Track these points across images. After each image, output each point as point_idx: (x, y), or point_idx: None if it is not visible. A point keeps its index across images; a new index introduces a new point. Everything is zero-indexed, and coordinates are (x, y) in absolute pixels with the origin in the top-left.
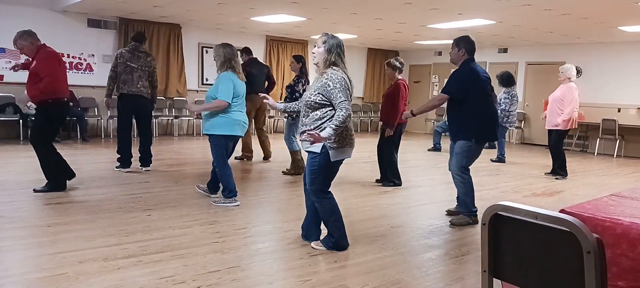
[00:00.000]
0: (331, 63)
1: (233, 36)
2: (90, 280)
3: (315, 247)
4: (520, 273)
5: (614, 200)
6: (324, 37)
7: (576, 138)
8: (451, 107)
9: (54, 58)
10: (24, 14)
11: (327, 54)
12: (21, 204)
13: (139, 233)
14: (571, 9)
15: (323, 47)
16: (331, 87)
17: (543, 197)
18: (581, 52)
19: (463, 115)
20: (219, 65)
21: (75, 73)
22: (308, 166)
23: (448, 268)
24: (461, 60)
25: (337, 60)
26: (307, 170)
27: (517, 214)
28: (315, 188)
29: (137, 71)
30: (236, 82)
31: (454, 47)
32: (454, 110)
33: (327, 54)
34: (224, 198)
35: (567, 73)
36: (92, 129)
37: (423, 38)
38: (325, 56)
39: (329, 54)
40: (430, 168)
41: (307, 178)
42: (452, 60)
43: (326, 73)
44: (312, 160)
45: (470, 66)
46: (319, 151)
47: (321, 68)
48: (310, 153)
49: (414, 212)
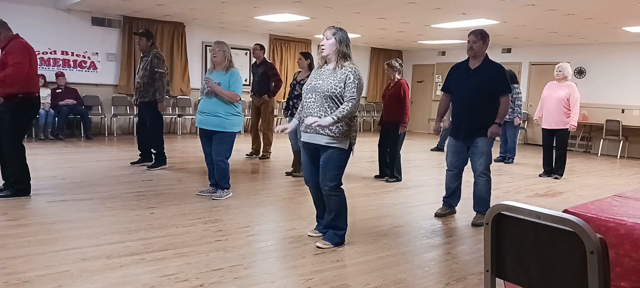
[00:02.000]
0: (343, 54)
1: (236, 35)
2: (93, 278)
3: (322, 246)
4: (523, 273)
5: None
6: (332, 30)
7: (579, 139)
8: (480, 103)
9: (25, 49)
10: (28, 12)
11: (339, 45)
12: (24, 201)
13: (142, 231)
14: (576, 9)
15: (333, 38)
16: (351, 80)
17: (546, 197)
18: (585, 53)
19: (493, 111)
20: (227, 62)
21: (79, 71)
22: (332, 162)
23: (450, 268)
24: (484, 54)
25: (348, 52)
26: (332, 165)
27: (521, 214)
28: (337, 184)
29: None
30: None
31: (479, 39)
32: (486, 106)
33: (338, 44)
34: (223, 191)
35: (567, 71)
36: (95, 127)
37: (426, 38)
38: (337, 47)
39: (340, 44)
40: (433, 168)
41: (327, 174)
42: (476, 54)
43: (345, 66)
44: (340, 156)
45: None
46: (346, 147)
47: (332, 60)
48: (336, 149)
49: (417, 211)
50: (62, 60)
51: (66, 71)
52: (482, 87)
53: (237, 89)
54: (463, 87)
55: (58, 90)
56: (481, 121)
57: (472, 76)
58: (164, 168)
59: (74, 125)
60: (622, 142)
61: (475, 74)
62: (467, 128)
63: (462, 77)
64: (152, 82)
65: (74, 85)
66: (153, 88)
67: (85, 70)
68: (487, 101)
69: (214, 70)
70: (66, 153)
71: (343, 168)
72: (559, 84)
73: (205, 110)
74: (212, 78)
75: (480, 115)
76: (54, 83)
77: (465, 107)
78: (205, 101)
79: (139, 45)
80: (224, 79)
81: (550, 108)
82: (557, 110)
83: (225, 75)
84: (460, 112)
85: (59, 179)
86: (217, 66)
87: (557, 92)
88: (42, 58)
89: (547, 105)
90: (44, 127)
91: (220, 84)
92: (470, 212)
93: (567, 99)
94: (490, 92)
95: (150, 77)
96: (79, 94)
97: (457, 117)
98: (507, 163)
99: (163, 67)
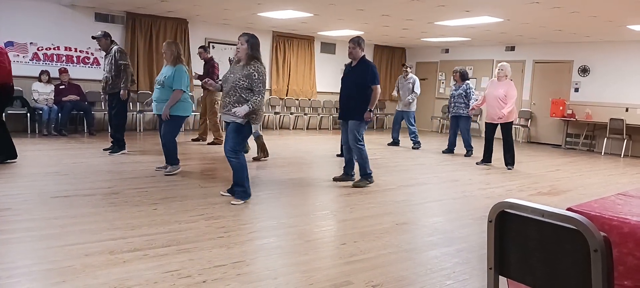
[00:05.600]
0: (253, 57)
1: (239, 31)
2: (96, 273)
3: (235, 203)
4: (526, 271)
5: (621, 199)
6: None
7: (583, 137)
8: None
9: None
10: (32, 7)
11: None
12: (28, 197)
13: (145, 227)
14: (580, 7)
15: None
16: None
17: (549, 195)
18: (589, 51)
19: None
20: (176, 58)
21: (82, 67)
22: (232, 131)
23: (453, 265)
24: (360, 55)
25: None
26: (232, 134)
27: (524, 212)
28: (235, 149)
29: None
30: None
31: (356, 46)
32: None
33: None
34: (173, 166)
35: (508, 71)
36: (98, 123)
37: (430, 35)
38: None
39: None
40: (435, 166)
41: (229, 141)
42: (354, 57)
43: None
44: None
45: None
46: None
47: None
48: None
49: (419, 209)
50: (65, 56)
51: (69, 67)
52: (356, 80)
53: (180, 85)
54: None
55: (61, 86)
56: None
57: (351, 72)
58: (123, 153)
59: (77, 121)
60: (626, 140)
61: (354, 70)
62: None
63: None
64: (119, 74)
65: (77, 81)
66: (119, 79)
67: (89, 66)
68: (359, 90)
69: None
70: (69, 149)
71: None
72: (501, 82)
73: (155, 98)
74: (163, 72)
75: (354, 102)
76: (57, 79)
77: (344, 94)
78: (155, 91)
79: (100, 45)
80: (170, 73)
81: (491, 103)
82: (495, 105)
83: (171, 70)
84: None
85: (62, 175)
86: (168, 62)
87: (498, 90)
88: (45, 54)
89: (490, 101)
90: (47, 123)
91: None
92: (473, 213)
93: (505, 96)
94: (363, 84)
95: (117, 70)
96: (82, 90)
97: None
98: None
99: (126, 59)
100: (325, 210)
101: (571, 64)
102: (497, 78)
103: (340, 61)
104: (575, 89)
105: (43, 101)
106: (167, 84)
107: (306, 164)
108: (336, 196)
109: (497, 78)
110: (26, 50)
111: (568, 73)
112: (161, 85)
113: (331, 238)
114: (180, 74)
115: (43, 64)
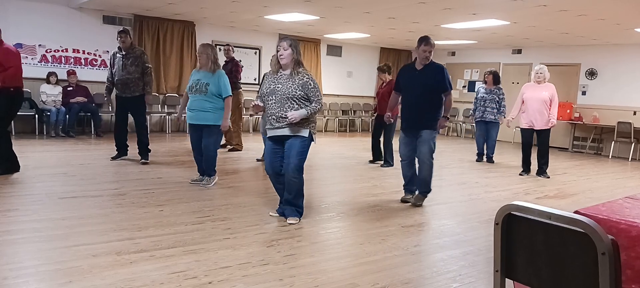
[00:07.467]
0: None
1: (246, 34)
2: (103, 274)
3: (293, 222)
4: (533, 274)
5: (629, 202)
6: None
7: (590, 140)
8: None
9: (15, 52)
10: (41, 10)
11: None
12: (36, 198)
13: (152, 228)
14: (588, 10)
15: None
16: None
17: (556, 199)
18: (596, 54)
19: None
20: (213, 62)
21: (90, 69)
22: (296, 148)
23: (459, 268)
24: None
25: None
26: (296, 151)
27: (531, 214)
28: (301, 167)
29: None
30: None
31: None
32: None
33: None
34: (211, 177)
35: (547, 74)
36: (106, 125)
37: (437, 38)
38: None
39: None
40: (441, 168)
41: (293, 158)
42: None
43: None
44: (303, 143)
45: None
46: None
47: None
48: (299, 138)
49: (426, 211)
50: (73, 58)
51: (77, 69)
52: (429, 84)
53: (229, 91)
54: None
55: (69, 87)
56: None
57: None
58: (124, 158)
59: (85, 123)
60: (633, 144)
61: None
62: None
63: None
64: (143, 76)
65: (85, 83)
66: (143, 82)
67: (96, 68)
68: (433, 96)
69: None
70: (77, 151)
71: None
72: (541, 85)
73: (195, 107)
74: (200, 78)
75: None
76: (65, 81)
77: (411, 101)
78: (194, 99)
79: (124, 42)
80: (213, 80)
81: (536, 108)
82: (540, 111)
83: (213, 77)
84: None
85: (70, 176)
86: (203, 67)
87: (543, 93)
88: (53, 56)
89: (535, 105)
90: (55, 125)
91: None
92: (480, 216)
93: (550, 100)
94: (437, 89)
95: (142, 72)
96: (89, 92)
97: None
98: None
99: (149, 62)
100: (331, 213)
101: (578, 67)
102: (536, 82)
103: (347, 64)
104: (582, 92)
105: (51, 103)
106: (211, 91)
107: (311, 166)
108: (341, 198)
109: (536, 82)
110: (35, 52)
111: (575, 76)
112: (203, 93)
113: (337, 240)
114: (225, 80)
115: (51, 66)
